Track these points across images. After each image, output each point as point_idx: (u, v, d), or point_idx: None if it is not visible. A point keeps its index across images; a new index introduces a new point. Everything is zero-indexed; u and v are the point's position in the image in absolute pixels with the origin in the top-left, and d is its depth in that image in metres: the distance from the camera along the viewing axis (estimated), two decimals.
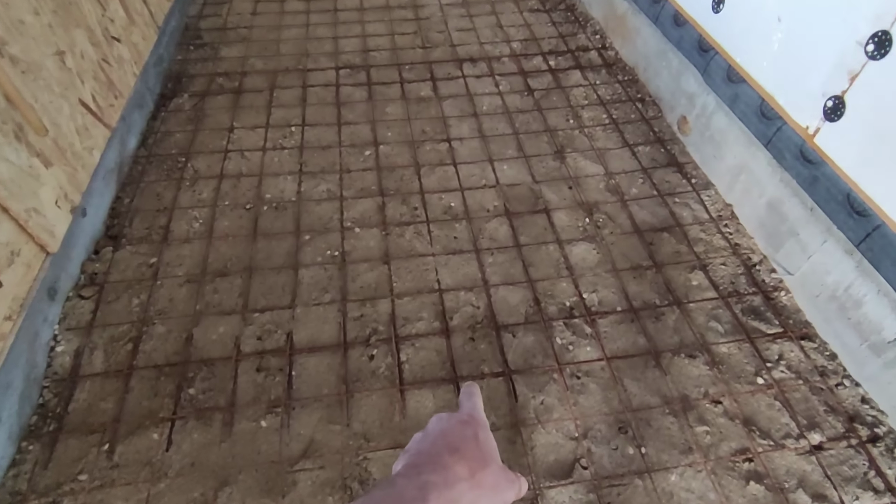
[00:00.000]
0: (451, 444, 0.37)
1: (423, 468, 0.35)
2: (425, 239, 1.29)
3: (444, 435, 0.38)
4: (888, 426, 1.00)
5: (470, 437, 0.38)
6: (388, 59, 1.86)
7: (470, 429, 0.39)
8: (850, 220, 1.04)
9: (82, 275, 1.18)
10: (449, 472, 0.34)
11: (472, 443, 0.38)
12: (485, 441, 0.39)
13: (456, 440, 0.37)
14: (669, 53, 1.60)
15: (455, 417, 0.40)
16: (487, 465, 0.37)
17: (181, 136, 1.53)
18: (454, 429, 0.38)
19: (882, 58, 0.84)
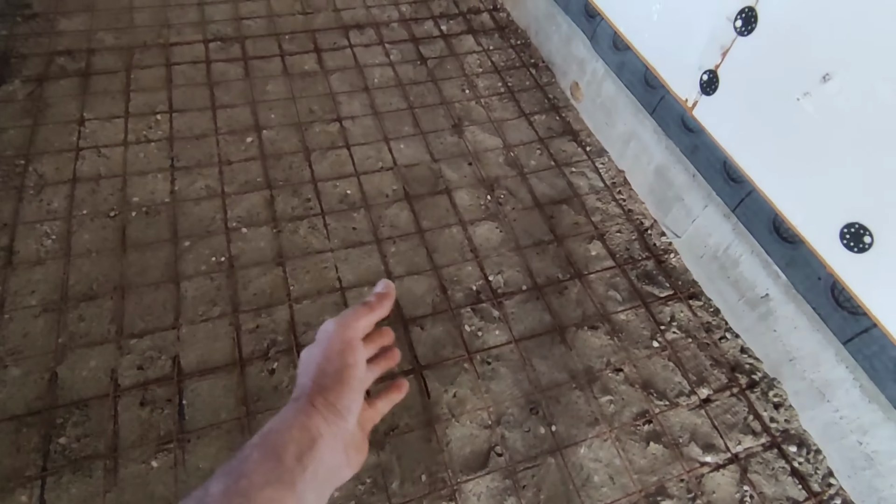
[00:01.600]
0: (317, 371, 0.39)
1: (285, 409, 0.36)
2: (321, 233, 1.21)
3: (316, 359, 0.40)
4: (762, 372, 1.10)
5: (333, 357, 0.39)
6: (265, 29, 1.68)
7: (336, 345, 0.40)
8: (727, 186, 1.10)
9: None
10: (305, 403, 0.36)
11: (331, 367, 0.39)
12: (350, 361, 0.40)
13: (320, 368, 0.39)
14: (558, 17, 1.58)
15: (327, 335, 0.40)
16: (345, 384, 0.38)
17: (16, 132, 1.30)
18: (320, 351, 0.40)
19: (749, 34, 0.86)
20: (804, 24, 0.78)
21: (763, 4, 0.84)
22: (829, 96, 0.77)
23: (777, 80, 0.83)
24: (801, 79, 0.80)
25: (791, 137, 0.84)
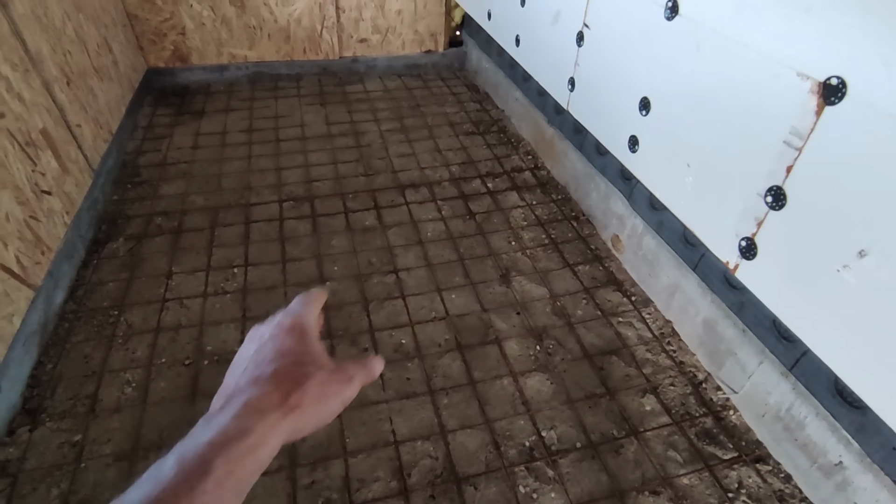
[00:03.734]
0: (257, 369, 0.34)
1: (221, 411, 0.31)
2: (377, 383, 1.26)
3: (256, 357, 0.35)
4: None
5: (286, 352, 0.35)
6: (331, 189, 1.91)
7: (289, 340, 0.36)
8: (780, 345, 1.10)
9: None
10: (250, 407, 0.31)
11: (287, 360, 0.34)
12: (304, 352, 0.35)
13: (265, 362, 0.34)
14: (596, 177, 1.73)
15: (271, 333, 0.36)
16: (306, 380, 0.33)
17: (114, 285, 1.47)
18: (265, 347, 0.35)
19: (780, 209, 0.94)
20: (832, 204, 0.85)
21: (791, 184, 0.92)
22: (869, 270, 0.81)
23: (814, 253, 0.88)
24: (837, 253, 0.84)
25: (839, 306, 0.87)
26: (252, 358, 0.35)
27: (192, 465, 0.27)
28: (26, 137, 1.34)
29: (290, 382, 0.32)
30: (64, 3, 1.69)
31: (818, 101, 0.84)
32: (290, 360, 0.34)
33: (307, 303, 0.39)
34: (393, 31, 2.69)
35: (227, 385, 0.35)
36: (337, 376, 0.35)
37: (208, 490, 0.27)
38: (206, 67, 2.54)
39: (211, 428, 0.29)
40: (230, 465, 0.28)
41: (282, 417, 0.31)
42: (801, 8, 0.84)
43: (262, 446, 0.30)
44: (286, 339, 0.35)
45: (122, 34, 2.19)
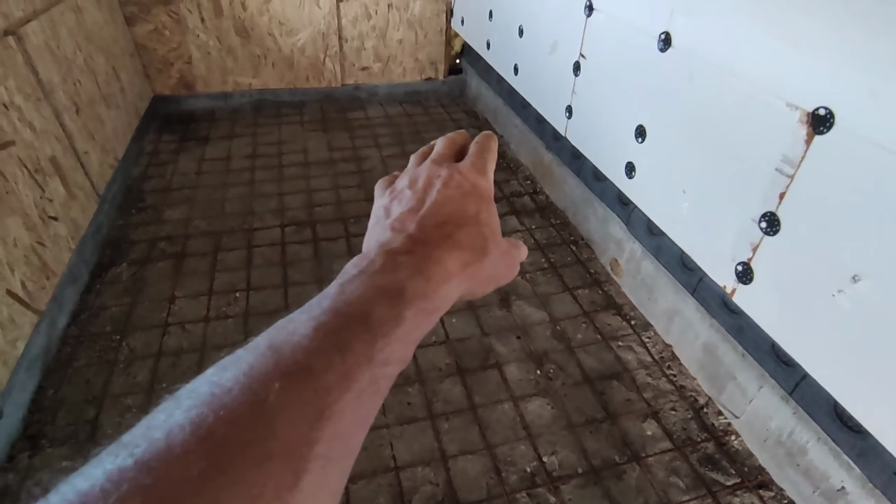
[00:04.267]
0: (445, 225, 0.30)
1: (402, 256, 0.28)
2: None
3: (440, 208, 0.31)
4: None
5: (471, 217, 0.31)
6: (333, 214, 1.93)
7: (473, 204, 0.32)
8: (780, 369, 1.11)
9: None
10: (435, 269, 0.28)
11: (472, 227, 0.31)
12: (488, 221, 0.32)
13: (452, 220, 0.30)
14: (594, 202, 1.75)
15: (456, 184, 0.32)
16: (486, 254, 0.31)
17: (117, 310, 1.48)
18: (452, 201, 0.31)
19: (775, 235, 0.96)
20: (825, 230, 0.86)
21: (784, 210, 0.94)
22: (863, 295, 0.82)
23: (809, 278, 0.90)
24: (831, 278, 0.86)
25: (835, 330, 0.88)
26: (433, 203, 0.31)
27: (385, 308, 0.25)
28: (35, 165, 1.37)
29: (472, 253, 0.30)
30: (76, 34, 1.74)
31: (808, 130, 0.87)
32: (475, 228, 0.31)
33: (491, 162, 0.36)
34: (394, 59, 2.75)
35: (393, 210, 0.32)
36: (506, 259, 0.34)
37: (400, 338, 0.25)
38: (211, 95, 2.60)
39: (399, 272, 0.27)
40: (418, 320, 0.26)
41: (457, 286, 0.29)
42: (789, 42, 0.88)
43: (439, 310, 0.28)
44: (473, 201, 0.32)
45: (130, 63, 2.24)
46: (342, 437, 0.21)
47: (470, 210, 0.31)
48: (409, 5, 2.61)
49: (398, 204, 0.32)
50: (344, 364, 0.22)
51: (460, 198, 0.32)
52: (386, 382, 0.24)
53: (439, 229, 0.30)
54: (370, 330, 0.24)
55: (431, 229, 0.30)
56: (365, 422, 0.23)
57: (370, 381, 0.23)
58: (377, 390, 0.23)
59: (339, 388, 0.21)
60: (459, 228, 0.30)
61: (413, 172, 0.34)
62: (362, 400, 0.22)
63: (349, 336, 0.23)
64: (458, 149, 0.37)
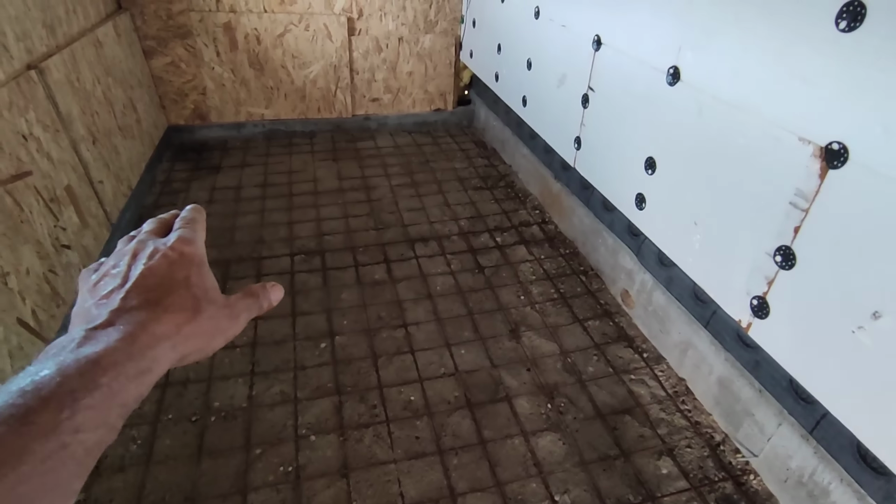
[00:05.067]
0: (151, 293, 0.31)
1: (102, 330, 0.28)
2: (385, 442, 1.23)
3: (145, 280, 0.32)
4: None
5: (180, 281, 0.33)
6: (342, 243, 1.93)
7: (181, 270, 0.33)
8: (798, 406, 1.08)
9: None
10: (140, 335, 0.29)
11: (181, 290, 0.32)
12: (198, 283, 0.33)
13: (160, 287, 0.32)
14: (604, 233, 1.75)
15: (162, 255, 0.33)
16: (200, 313, 0.32)
17: None
18: (159, 270, 0.33)
19: (790, 269, 0.94)
20: (843, 265, 0.85)
21: (799, 244, 0.93)
22: (885, 333, 0.80)
23: (828, 313, 0.88)
24: (851, 314, 0.84)
25: (857, 368, 0.85)
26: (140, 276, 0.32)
27: (76, 378, 0.25)
28: (51, 194, 1.39)
29: (183, 314, 0.32)
30: (96, 68, 1.79)
31: (821, 164, 0.86)
32: (185, 291, 0.32)
33: (199, 231, 0.37)
34: (404, 91, 2.80)
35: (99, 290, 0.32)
36: (226, 312, 0.35)
37: (93, 406, 0.25)
38: (224, 125, 2.65)
39: (97, 344, 0.27)
40: (118, 386, 0.27)
41: (171, 348, 0.30)
42: (797, 77, 0.88)
43: (151, 373, 0.29)
44: (181, 268, 0.33)
45: (146, 94, 2.30)
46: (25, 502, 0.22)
47: (178, 276, 0.33)
48: (419, 39, 2.67)
49: (104, 284, 0.33)
50: (20, 437, 0.23)
51: (167, 266, 0.33)
52: (81, 448, 0.25)
53: (145, 299, 0.31)
54: (53, 401, 0.24)
55: (136, 299, 0.31)
56: (56, 488, 0.24)
57: (58, 448, 0.24)
58: (69, 456, 0.24)
59: (16, 459, 0.22)
60: (167, 295, 0.32)
61: (118, 253, 0.35)
62: (47, 467, 0.23)
63: (27, 410, 0.23)
64: (166, 227, 0.38)
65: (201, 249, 0.36)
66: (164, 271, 0.33)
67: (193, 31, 2.35)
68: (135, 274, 0.32)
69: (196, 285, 0.33)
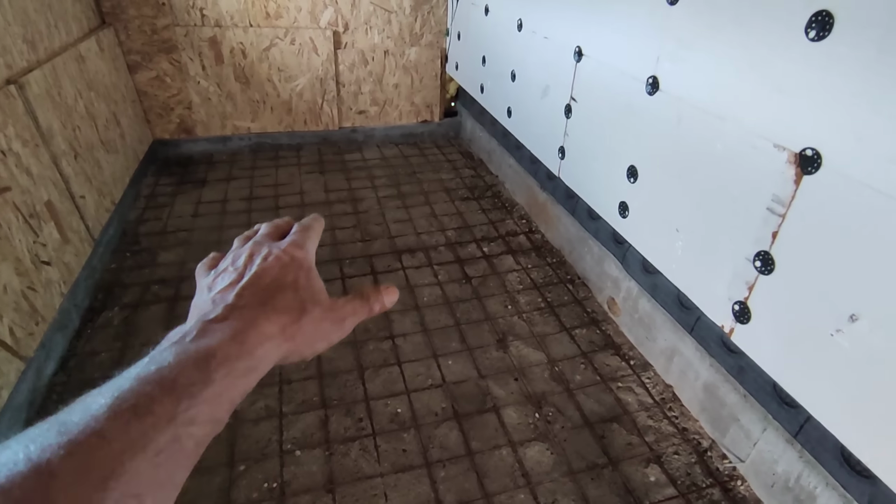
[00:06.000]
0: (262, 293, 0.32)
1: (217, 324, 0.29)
2: (372, 456, 1.22)
3: (259, 279, 0.33)
4: None
5: (289, 284, 0.34)
6: (329, 255, 1.93)
7: (291, 273, 0.35)
8: (783, 410, 1.08)
9: None
10: (250, 332, 0.30)
11: (289, 292, 0.33)
12: (306, 286, 0.35)
13: (270, 288, 0.33)
14: (589, 241, 1.76)
15: (275, 258, 0.35)
16: (305, 314, 0.33)
17: (106, 356, 1.45)
18: (271, 272, 0.34)
19: (769, 274, 0.95)
20: (820, 268, 0.86)
21: (777, 249, 0.94)
22: (861, 335, 0.81)
23: (807, 317, 0.89)
24: (829, 317, 0.85)
25: (836, 371, 0.86)
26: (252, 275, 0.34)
27: (193, 371, 0.26)
28: (31, 210, 1.37)
29: (290, 315, 0.33)
30: (77, 82, 1.78)
31: (796, 170, 0.88)
32: (292, 293, 0.34)
33: (313, 238, 0.39)
34: (390, 103, 2.82)
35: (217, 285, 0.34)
36: (331, 316, 0.35)
37: (208, 399, 0.26)
38: (210, 139, 2.64)
39: (212, 338, 0.29)
40: (229, 382, 0.28)
41: (276, 347, 0.31)
42: (771, 86, 0.90)
43: (257, 371, 0.30)
44: (291, 271, 0.35)
45: (130, 109, 2.29)
46: (135, 497, 0.22)
47: (288, 279, 0.34)
48: (405, 52, 2.69)
49: (221, 280, 0.34)
50: (141, 425, 0.23)
51: (279, 269, 0.34)
52: (192, 442, 0.25)
53: (256, 297, 0.32)
54: (174, 392, 0.25)
55: (249, 298, 0.32)
56: (166, 482, 0.24)
57: (171, 440, 0.24)
58: (180, 449, 0.24)
59: (132, 449, 0.22)
60: (276, 295, 0.33)
61: (236, 252, 0.37)
62: (160, 459, 0.23)
63: (149, 399, 0.24)
64: (281, 232, 0.40)
65: (311, 255, 0.38)
66: (276, 273, 0.34)
67: (179, 45, 2.35)
68: (250, 273, 0.34)
69: (304, 288, 0.34)
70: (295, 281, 0.34)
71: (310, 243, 0.38)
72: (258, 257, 0.35)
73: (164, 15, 2.28)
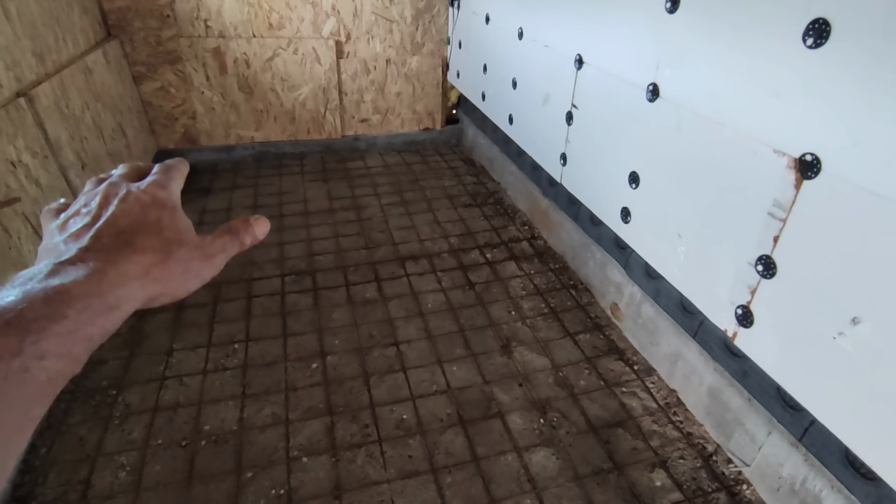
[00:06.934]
0: (122, 234, 0.31)
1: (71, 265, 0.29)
2: (378, 462, 1.22)
3: (116, 221, 0.32)
4: None
5: (151, 224, 0.33)
6: (332, 262, 1.94)
7: (153, 213, 0.33)
8: (787, 413, 1.08)
9: None
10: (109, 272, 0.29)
11: (151, 233, 0.32)
12: (170, 226, 0.34)
13: (130, 229, 0.32)
14: (592, 247, 1.77)
15: (134, 198, 0.33)
16: (170, 255, 0.32)
17: (114, 363, 1.46)
18: (131, 213, 0.33)
19: (772, 278, 0.96)
20: (821, 272, 0.87)
21: (779, 253, 0.95)
22: (864, 338, 0.82)
23: (809, 321, 0.90)
24: (831, 320, 0.86)
25: (839, 373, 0.87)
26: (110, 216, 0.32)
27: (42, 306, 0.26)
28: (39, 220, 1.39)
29: (153, 255, 0.32)
30: (84, 94, 1.80)
31: (796, 175, 0.89)
32: (156, 234, 0.33)
33: (176, 178, 0.37)
34: (392, 111, 2.84)
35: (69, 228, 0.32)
36: (198, 254, 0.35)
37: (60, 334, 0.26)
38: (215, 148, 2.66)
39: (65, 277, 0.28)
40: (85, 319, 0.27)
41: (140, 288, 0.31)
42: (770, 92, 0.91)
43: (117, 311, 0.29)
44: (153, 211, 0.34)
45: (136, 119, 2.31)
46: None
47: (150, 219, 0.33)
48: (407, 60, 2.71)
49: (73, 223, 0.33)
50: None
51: (140, 210, 0.33)
52: (44, 375, 0.25)
53: (116, 238, 0.31)
54: (19, 325, 0.25)
55: (107, 239, 0.31)
56: (13, 406, 0.24)
57: (19, 370, 0.24)
58: (30, 379, 0.25)
59: None
60: (138, 236, 0.32)
61: (88, 194, 0.35)
62: (7, 386, 0.24)
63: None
64: (139, 173, 0.38)
65: (175, 195, 0.36)
66: (137, 213, 0.33)
67: (183, 56, 2.38)
68: (106, 214, 0.32)
69: (168, 228, 0.33)
70: (158, 221, 0.33)
71: (173, 183, 0.37)
72: (115, 199, 0.33)
73: (169, 27, 2.31)
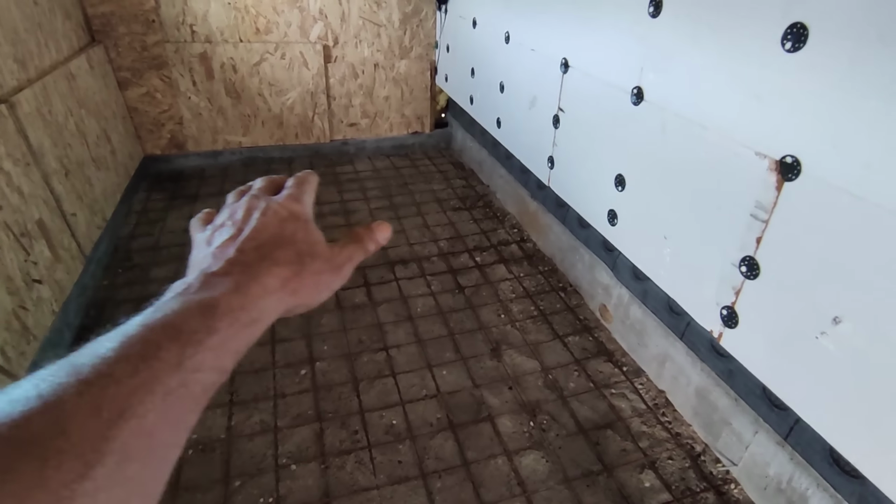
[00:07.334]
0: (262, 247, 0.33)
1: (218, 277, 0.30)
2: (368, 468, 1.22)
3: (258, 234, 0.33)
4: None
5: (288, 237, 0.34)
6: None
7: (290, 227, 0.35)
8: (773, 413, 1.09)
9: None
10: (252, 285, 0.30)
11: (288, 246, 0.34)
12: (305, 240, 0.35)
13: (270, 242, 0.33)
14: (580, 249, 1.78)
15: (273, 212, 0.35)
16: (305, 267, 0.33)
17: None
18: (270, 226, 0.34)
19: (755, 279, 0.97)
20: (803, 272, 0.88)
21: (762, 254, 0.96)
22: (845, 337, 0.83)
23: (792, 320, 0.91)
24: (813, 320, 0.87)
25: (822, 372, 0.88)
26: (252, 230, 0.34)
27: (198, 320, 0.27)
28: (22, 228, 1.37)
29: (291, 268, 0.33)
30: (68, 100, 1.79)
31: (777, 177, 0.90)
32: (291, 247, 0.34)
33: (308, 191, 0.39)
34: (381, 115, 2.84)
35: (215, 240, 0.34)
36: (329, 266, 0.36)
37: (212, 347, 0.27)
38: (202, 153, 2.65)
39: (214, 290, 0.29)
40: (233, 332, 0.28)
41: (278, 301, 0.32)
42: (751, 95, 0.92)
43: (259, 323, 0.31)
44: (289, 225, 0.35)
45: (121, 125, 2.29)
46: (145, 435, 0.23)
47: (287, 233, 0.35)
48: (395, 64, 2.72)
49: (219, 235, 0.34)
50: (149, 369, 0.24)
51: (278, 223, 0.35)
52: (199, 387, 0.26)
53: (257, 251, 0.33)
54: (179, 339, 0.26)
55: (249, 252, 0.33)
56: (175, 423, 0.25)
57: (178, 385, 0.25)
58: (188, 393, 0.25)
59: (142, 391, 0.23)
60: (276, 249, 0.33)
61: (232, 207, 0.37)
62: (170, 401, 0.24)
63: (155, 346, 0.25)
64: (276, 186, 0.40)
65: (308, 208, 0.38)
66: (275, 227, 0.34)
67: (169, 61, 2.37)
68: (249, 227, 0.34)
69: (302, 241, 0.35)
70: (294, 234, 0.35)
71: (306, 196, 0.39)
72: (256, 212, 0.35)
73: (155, 32, 2.30)
